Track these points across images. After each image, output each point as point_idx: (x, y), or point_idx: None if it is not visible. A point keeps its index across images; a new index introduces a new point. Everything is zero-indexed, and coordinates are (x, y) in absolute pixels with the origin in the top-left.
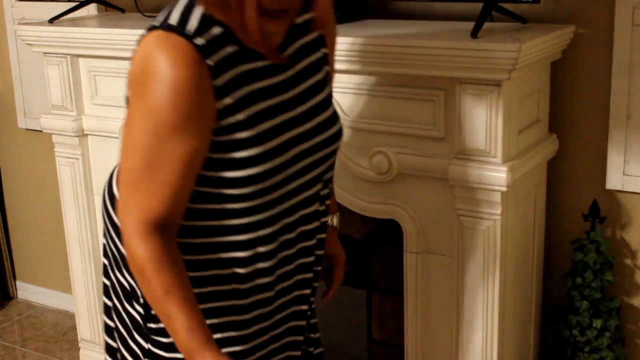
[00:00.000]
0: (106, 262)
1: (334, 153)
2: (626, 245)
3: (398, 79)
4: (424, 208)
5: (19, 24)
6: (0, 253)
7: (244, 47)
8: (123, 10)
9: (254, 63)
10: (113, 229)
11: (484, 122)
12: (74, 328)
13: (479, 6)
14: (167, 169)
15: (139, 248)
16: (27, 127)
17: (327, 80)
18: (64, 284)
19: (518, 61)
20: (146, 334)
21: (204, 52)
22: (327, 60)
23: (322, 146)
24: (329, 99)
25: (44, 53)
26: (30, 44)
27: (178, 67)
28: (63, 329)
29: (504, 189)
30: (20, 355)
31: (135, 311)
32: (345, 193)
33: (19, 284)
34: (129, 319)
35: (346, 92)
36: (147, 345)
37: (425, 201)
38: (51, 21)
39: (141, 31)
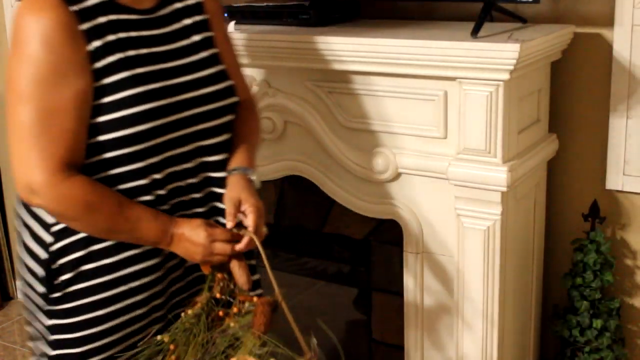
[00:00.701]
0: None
1: (218, 113)
2: (626, 245)
3: (398, 79)
4: (424, 208)
5: None
6: (0, 253)
7: (112, 1)
8: None
9: (124, 15)
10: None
11: (484, 122)
12: None
13: (479, 6)
14: (61, 114)
15: (72, 189)
16: None
17: (209, 43)
18: None
19: (518, 61)
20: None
21: (67, 0)
22: (207, 25)
23: (201, 101)
24: (212, 59)
25: None
26: None
27: (43, 16)
28: None
29: (504, 189)
30: (20, 356)
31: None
32: (345, 193)
33: (19, 284)
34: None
35: (346, 92)
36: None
37: (425, 201)
38: None
39: None
